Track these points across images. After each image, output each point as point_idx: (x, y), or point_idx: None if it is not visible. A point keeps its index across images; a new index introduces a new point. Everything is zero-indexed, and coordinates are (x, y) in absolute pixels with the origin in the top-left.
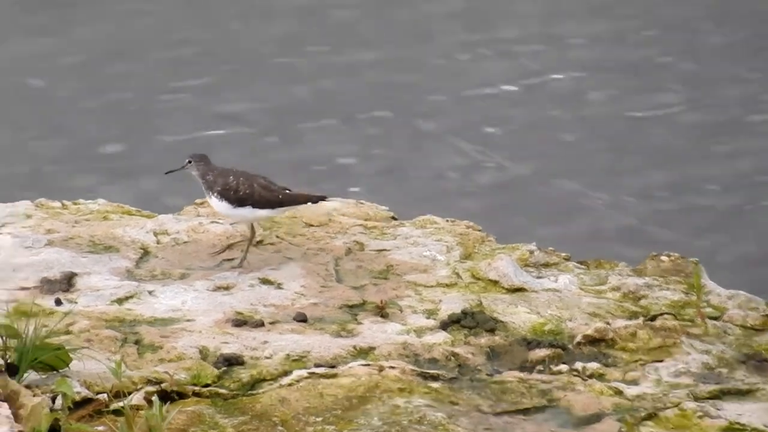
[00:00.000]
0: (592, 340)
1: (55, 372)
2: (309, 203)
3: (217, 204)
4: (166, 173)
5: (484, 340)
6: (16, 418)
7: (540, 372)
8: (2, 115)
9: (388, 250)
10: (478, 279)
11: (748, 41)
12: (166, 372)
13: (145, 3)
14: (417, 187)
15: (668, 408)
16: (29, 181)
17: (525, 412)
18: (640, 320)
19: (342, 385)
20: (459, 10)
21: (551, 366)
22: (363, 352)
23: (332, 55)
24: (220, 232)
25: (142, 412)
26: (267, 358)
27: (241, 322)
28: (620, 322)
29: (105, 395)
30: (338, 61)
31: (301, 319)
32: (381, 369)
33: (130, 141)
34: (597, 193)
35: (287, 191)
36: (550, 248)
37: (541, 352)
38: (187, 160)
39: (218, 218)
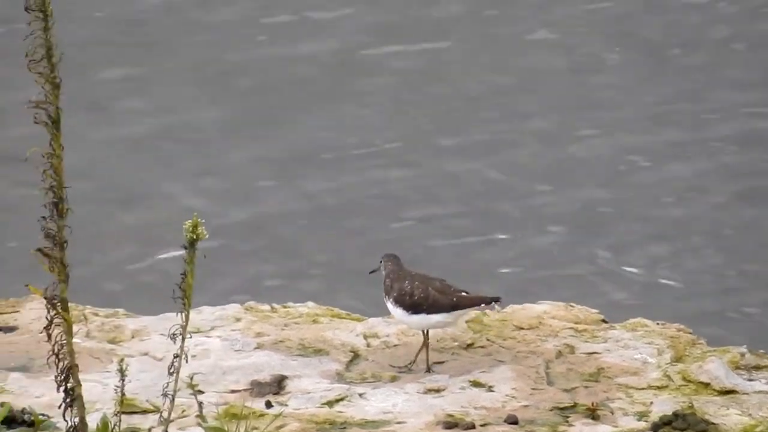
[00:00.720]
0: None
1: None
2: (483, 305)
3: (393, 310)
4: (370, 273)
5: None
6: None
7: None
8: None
9: (599, 353)
10: (689, 381)
11: None
12: None
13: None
14: (626, 290)
15: None
16: (238, 284)
17: None
18: None
19: None
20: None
21: None
22: None
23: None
24: (430, 336)
25: None
26: None
27: (452, 424)
28: None
29: None
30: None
31: (513, 421)
32: None
33: (335, 243)
34: None
35: (463, 293)
36: (761, 351)
37: None
38: (380, 260)
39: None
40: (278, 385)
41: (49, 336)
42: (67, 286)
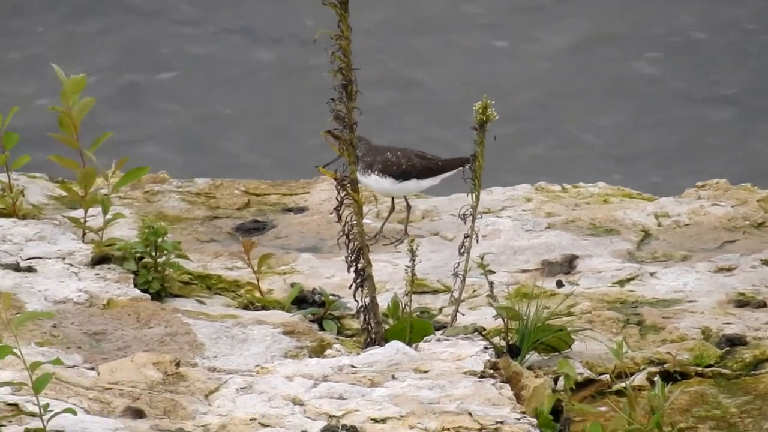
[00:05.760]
0: None
1: (556, 353)
2: (465, 165)
3: (379, 181)
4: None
5: None
6: (518, 398)
7: None
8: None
9: None
10: None
11: None
12: (668, 352)
13: None
14: None
15: None
16: (528, 165)
17: None
18: None
19: None
20: None
21: None
22: None
23: None
24: (722, 215)
25: (644, 392)
26: None
27: (743, 302)
28: None
29: (607, 376)
30: None
31: None
32: None
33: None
34: None
35: (440, 158)
36: None
37: None
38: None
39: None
40: (569, 264)
41: (339, 217)
42: (357, 167)
